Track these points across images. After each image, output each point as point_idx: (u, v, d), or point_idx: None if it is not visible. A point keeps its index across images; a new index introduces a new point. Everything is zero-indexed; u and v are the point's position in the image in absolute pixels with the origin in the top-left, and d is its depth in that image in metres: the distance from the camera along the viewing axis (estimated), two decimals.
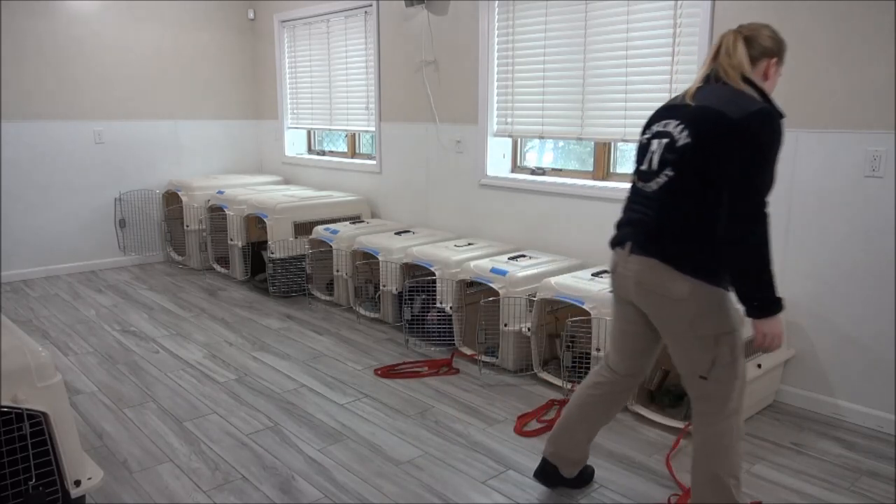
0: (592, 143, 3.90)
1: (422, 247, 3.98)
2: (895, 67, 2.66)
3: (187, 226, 5.46)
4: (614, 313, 2.23)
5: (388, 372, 3.44)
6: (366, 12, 5.06)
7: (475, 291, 3.75)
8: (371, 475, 2.50)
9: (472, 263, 3.61)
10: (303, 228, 4.82)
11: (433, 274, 3.77)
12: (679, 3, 3.28)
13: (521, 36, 4.03)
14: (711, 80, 1.98)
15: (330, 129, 5.66)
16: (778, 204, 3.04)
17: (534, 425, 2.89)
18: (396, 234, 4.39)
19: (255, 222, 5.04)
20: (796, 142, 2.96)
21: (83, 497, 1.97)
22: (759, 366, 2.86)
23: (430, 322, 3.89)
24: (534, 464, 2.56)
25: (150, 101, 5.69)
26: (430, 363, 3.55)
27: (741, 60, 1.95)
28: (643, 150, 2.07)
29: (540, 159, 4.35)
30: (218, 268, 5.37)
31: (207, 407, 3.05)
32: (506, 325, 3.40)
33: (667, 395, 3.02)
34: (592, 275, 3.34)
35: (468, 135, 4.39)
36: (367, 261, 4.42)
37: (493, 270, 3.49)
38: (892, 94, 2.68)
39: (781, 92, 2.96)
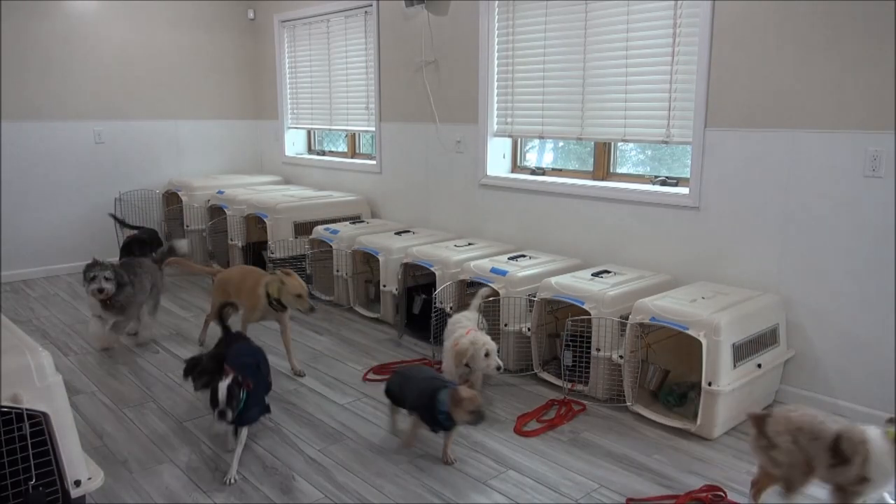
0: (592, 143, 3.90)
1: (422, 247, 3.98)
2: (895, 67, 2.66)
3: (187, 226, 5.45)
4: None
5: (381, 370, 3.42)
6: (366, 12, 5.06)
7: (475, 291, 3.74)
8: (371, 475, 2.50)
9: (472, 263, 3.61)
10: (303, 228, 4.82)
11: (433, 274, 3.77)
12: (679, 3, 3.28)
13: (521, 36, 4.03)
14: None
15: (330, 129, 5.66)
16: (778, 204, 3.04)
17: (534, 425, 2.89)
18: (396, 234, 4.38)
19: (255, 222, 5.04)
20: (796, 142, 2.96)
21: (83, 497, 1.97)
22: (759, 366, 2.86)
23: (431, 322, 3.88)
24: (534, 464, 2.56)
25: (150, 101, 5.69)
26: (429, 363, 3.54)
27: None
28: None
29: (540, 159, 4.35)
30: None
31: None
32: (506, 325, 3.40)
33: (671, 394, 3.01)
34: (592, 275, 3.34)
35: (468, 135, 4.39)
36: (366, 261, 4.42)
37: (493, 270, 3.48)
38: (892, 94, 2.68)
39: (781, 92, 2.97)
